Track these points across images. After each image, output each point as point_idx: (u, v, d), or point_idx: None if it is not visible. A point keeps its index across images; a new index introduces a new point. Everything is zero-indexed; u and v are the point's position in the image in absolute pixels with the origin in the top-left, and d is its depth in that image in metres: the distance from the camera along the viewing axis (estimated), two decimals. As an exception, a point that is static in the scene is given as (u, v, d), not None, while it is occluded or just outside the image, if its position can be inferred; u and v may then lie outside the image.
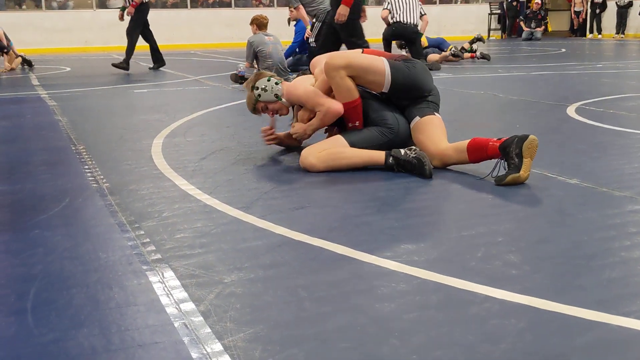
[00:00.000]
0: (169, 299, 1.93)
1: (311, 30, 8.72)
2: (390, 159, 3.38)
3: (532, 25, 18.65)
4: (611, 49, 14.60)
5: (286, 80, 8.38)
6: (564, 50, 14.07)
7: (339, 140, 3.53)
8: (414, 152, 3.34)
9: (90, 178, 3.41)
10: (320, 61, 3.78)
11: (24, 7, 17.78)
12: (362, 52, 3.78)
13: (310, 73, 3.99)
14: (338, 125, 3.73)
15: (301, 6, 8.52)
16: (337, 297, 1.93)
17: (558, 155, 3.80)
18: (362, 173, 3.40)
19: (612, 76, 8.42)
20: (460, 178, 3.29)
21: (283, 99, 3.76)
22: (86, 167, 3.67)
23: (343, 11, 6.14)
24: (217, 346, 1.64)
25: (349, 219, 2.69)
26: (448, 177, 3.31)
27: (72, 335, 1.72)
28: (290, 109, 3.90)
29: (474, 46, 11.69)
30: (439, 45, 11.33)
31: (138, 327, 1.76)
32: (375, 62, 3.58)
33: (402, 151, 3.36)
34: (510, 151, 3.11)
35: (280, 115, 3.89)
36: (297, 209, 2.83)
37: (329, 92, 3.65)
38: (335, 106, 3.58)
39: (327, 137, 3.76)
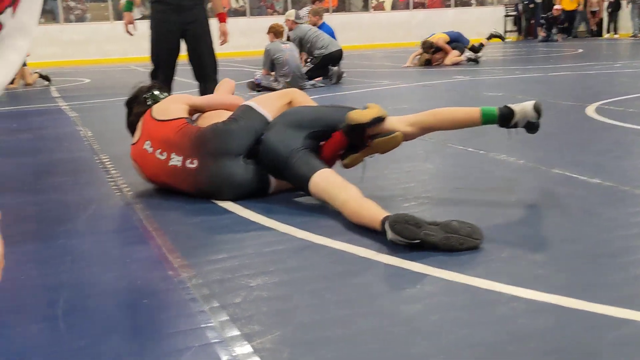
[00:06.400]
0: (197, 303, 1.95)
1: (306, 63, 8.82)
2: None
3: (554, 30, 18.44)
4: (628, 48, 14.48)
5: (302, 86, 8.30)
6: (581, 50, 13.99)
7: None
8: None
9: (114, 187, 3.44)
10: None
11: (41, 20, 18.00)
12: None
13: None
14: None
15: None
16: (362, 299, 1.94)
17: (579, 155, 3.78)
18: (378, 178, 3.41)
19: (630, 75, 8.36)
20: (484, 179, 3.29)
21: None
22: (109, 176, 3.71)
23: None
24: (247, 348, 1.66)
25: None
26: (472, 179, 3.31)
27: (103, 341, 1.74)
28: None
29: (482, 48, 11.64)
30: (457, 39, 11.32)
31: (169, 332, 1.79)
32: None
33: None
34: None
35: None
36: (318, 213, 2.84)
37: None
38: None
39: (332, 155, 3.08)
